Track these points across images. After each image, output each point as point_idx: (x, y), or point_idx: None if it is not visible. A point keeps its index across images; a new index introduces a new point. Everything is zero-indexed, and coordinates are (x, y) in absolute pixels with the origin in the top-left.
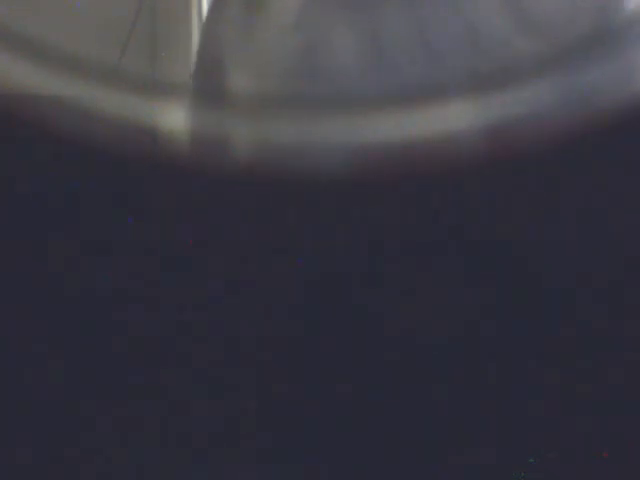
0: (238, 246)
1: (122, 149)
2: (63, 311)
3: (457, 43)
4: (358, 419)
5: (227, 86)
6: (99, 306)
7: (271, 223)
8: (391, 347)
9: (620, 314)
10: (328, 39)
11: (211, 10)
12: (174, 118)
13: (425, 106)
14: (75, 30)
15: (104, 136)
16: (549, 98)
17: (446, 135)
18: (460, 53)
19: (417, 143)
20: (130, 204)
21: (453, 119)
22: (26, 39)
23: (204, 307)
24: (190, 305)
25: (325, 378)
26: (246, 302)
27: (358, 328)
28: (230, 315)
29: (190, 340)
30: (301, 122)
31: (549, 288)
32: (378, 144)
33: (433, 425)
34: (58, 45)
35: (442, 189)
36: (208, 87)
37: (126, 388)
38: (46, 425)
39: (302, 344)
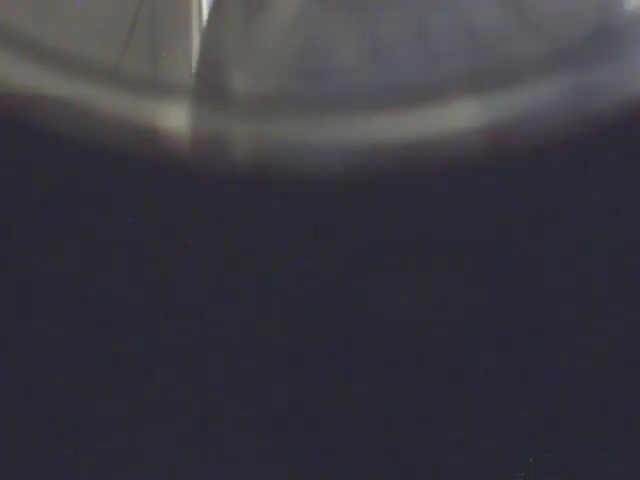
0: (238, 246)
1: (122, 149)
2: (63, 310)
3: (457, 43)
4: (358, 418)
5: (227, 86)
6: (99, 305)
7: (271, 223)
8: (391, 347)
9: (620, 314)
10: (328, 39)
11: (211, 10)
12: (174, 118)
13: (425, 106)
14: (75, 30)
15: (104, 136)
16: (549, 98)
17: (446, 135)
18: (460, 53)
19: (417, 143)
20: (130, 204)
21: (453, 119)
22: (26, 39)
23: (204, 307)
24: (190, 305)
25: (325, 378)
26: (246, 302)
27: (358, 327)
28: (230, 315)
29: (190, 340)
30: (301, 122)
31: (549, 288)
32: (378, 144)
33: (433, 425)
34: (58, 45)
35: (442, 189)
36: (208, 87)
37: (125, 387)
38: (46, 425)
39: (302, 344)
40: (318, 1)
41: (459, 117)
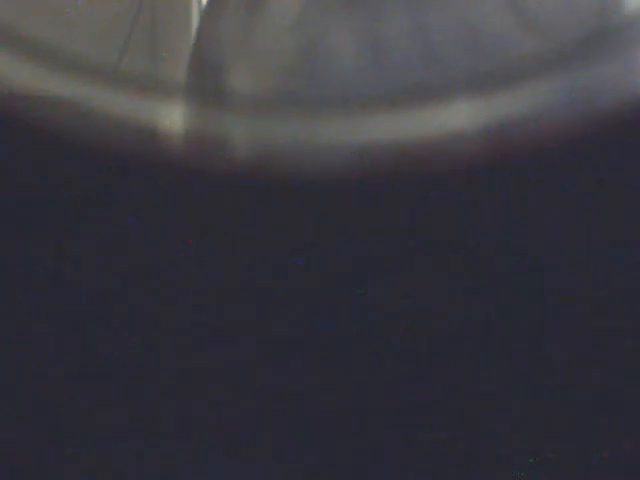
0: (238, 246)
1: (122, 149)
2: (62, 311)
3: (457, 43)
4: (357, 418)
5: (226, 85)
6: (99, 306)
7: (271, 223)
8: (391, 347)
9: (620, 314)
10: (328, 39)
11: (208, 9)
12: (174, 118)
13: (425, 106)
14: (75, 30)
15: (104, 136)
16: (549, 98)
17: (446, 135)
18: (460, 53)
19: (417, 143)
20: (130, 204)
21: (453, 119)
22: (27, 39)
23: (204, 307)
24: (190, 305)
25: (324, 378)
26: (246, 302)
27: (358, 328)
28: (230, 315)
29: (190, 340)
30: (301, 122)
31: (549, 288)
32: (378, 144)
33: (433, 425)
34: (58, 45)
35: (442, 189)
36: (206, 86)
37: (125, 387)
38: (45, 424)
39: (302, 344)
40: (319, 1)
41: (459, 117)
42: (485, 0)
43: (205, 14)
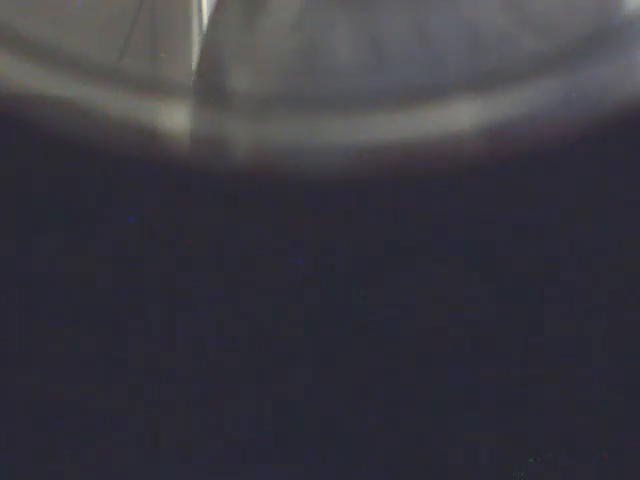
0: (238, 246)
1: (122, 149)
2: (62, 311)
3: (457, 42)
4: (357, 418)
5: (228, 86)
6: (98, 306)
7: (271, 223)
8: (390, 347)
9: (621, 314)
10: (328, 39)
11: (213, 10)
12: (174, 118)
13: (425, 106)
14: (75, 30)
15: (104, 136)
16: (550, 98)
17: (446, 135)
18: (460, 52)
19: (417, 143)
20: (130, 204)
21: (453, 119)
22: (26, 39)
23: (203, 307)
24: (189, 305)
25: (324, 378)
26: (246, 302)
27: (357, 328)
28: (230, 315)
29: (189, 341)
30: (301, 122)
31: (549, 288)
32: (378, 144)
33: (432, 424)
34: (58, 45)
35: (442, 189)
36: (209, 87)
37: (125, 387)
38: (42, 424)
39: (301, 344)
40: (319, 1)
41: (459, 117)
42: (485, 0)
43: (212, 17)
